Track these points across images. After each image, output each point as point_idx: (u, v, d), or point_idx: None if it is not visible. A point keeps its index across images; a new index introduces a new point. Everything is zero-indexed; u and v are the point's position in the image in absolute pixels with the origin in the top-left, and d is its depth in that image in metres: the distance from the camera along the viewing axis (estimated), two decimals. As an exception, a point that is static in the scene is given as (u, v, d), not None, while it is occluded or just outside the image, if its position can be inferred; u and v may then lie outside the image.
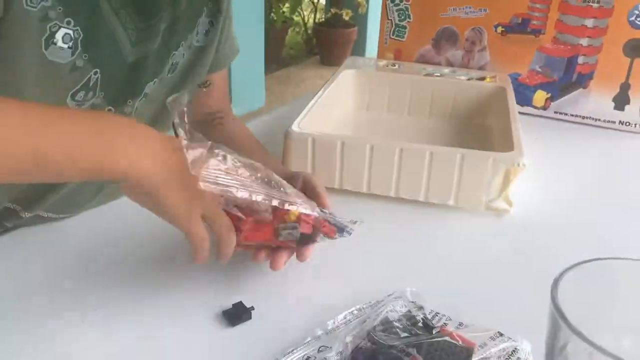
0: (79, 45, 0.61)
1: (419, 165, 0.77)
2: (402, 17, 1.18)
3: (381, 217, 0.77)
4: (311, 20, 4.51)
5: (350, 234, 0.60)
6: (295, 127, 0.81)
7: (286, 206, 0.54)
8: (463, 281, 0.65)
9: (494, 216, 0.78)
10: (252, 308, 0.58)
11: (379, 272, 0.66)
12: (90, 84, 0.64)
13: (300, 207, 0.55)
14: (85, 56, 0.62)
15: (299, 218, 0.56)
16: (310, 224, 0.57)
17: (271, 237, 0.57)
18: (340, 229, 0.59)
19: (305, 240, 0.58)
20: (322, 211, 0.58)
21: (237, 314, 0.58)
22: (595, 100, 1.11)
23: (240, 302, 0.59)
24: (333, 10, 4.20)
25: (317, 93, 0.95)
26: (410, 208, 0.79)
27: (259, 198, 0.52)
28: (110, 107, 0.68)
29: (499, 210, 0.77)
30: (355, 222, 0.61)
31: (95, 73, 0.64)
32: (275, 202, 0.53)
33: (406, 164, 0.77)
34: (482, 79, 1.06)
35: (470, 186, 0.76)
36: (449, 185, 0.77)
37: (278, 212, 0.56)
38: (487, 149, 0.79)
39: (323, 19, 4.45)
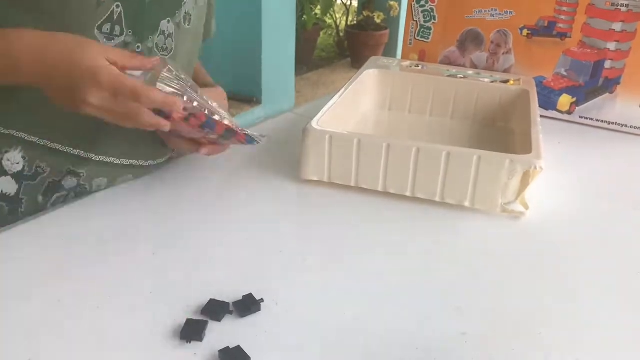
0: None
1: (435, 165, 0.77)
2: (428, 19, 1.18)
3: (396, 216, 0.77)
4: (343, 23, 4.52)
5: (258, 142, 0.77)
6: (313, 124, 0.81)
7: (215, 117, 0.71)
8: (474, 282, 0.65)
9: (510, 219, 0.77)
10: (262, 300, 0.59)
11: (387, 268, 0.66)
12: (115, 18, 0.73)
13: (225, 120, 0.73)
14: None
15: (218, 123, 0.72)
16: (223, 128, 0.73)
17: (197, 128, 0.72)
18: (250, 139, 0.76)
19: (226, 135, 0.74)
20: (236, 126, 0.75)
21: (246, 306, 0.58)
22: (622, 105, 1.09)
23: (250, 294, 0.60)
24: (365, 13, 4.20)
25: (338, 92, 0.96)
26: (426, 207, 0.79)
27: (195, 104, 0.69)
28: (138, 44, 0.77)
29: (514, 212, 0.77)
30: (263, 137, 0.77)
31: (118, 7, 0.73)
32: (206, 111, 0.70)
33: (422, 163, 0.77)
34: (506, 81, 1.05)
35: (487, 188, 0.76)
36: (465, 186, 0.77)
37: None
38: (509, 152, 0.78)
39: (355, 22, 4.45)
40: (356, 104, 1.03)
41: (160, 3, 0.78)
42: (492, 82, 1.05)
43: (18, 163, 0.77)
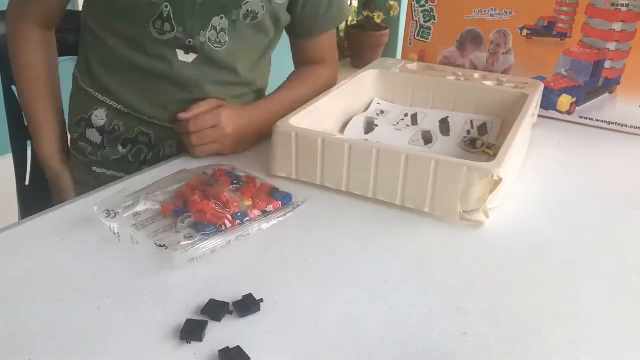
0: None
1: (395, 168, 0.76)
2: (427, 19, 1.18)
3: (395, 215, 0.77)
4: (343, 23, 4.52)
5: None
6: (283, 122, 0.82)
7: None
8: (475, 282, 0.65)
9: (509, 218, 0.77)
10: (262, 300, 0.59)
11: (387, 267, 0.66)
12: (165, 15, 0.89)
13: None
14: None
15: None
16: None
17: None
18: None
19: None
20: None
21: (246, 306, 0.58)
22: (622, 105, 1.09)
23: (250, 294, 0.60)
24: (365, 13, 4.20)
25: (335, 90, 0.96)
26: (388, 210, 0.78)
27: None
28: (189, 39, 0.92)
29: (472, 221, 0.74)
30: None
31: (167, 7, 0.89)
32: None
33: (382, 166, 0.77)
34: (511, 85, 1.04)
35: (445, 194, 0.74)
36: (423, 191, 0.75)
37: None
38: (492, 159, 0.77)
39: (355, 22, 4.45)
40: (354, 103, 1.02)
41: (215, 2, 0.91)
42: (497, 85, 1.04)
43: (102, 119, 0.99)
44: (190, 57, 0.94)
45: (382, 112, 1.04)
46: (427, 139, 0.95)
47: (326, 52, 1.12)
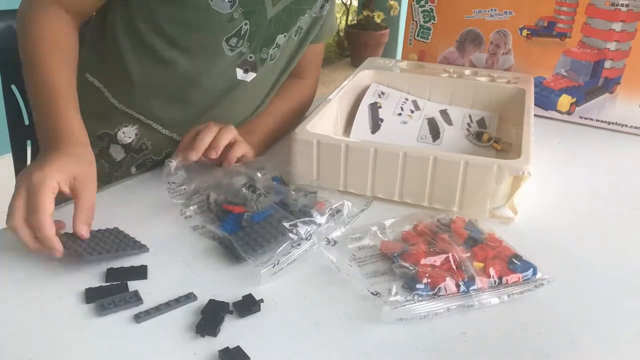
0: (237, 1, 0.81)
1: (422, 170, 0.76)
2: (427, 19, 1.18)
3: (395, 215, 0.77)
4: (343, 22, 4.52)
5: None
6: (301, 130, 0.81)
7: None
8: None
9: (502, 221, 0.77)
10: (262, 300, 0.59)
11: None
12: (242, 33, 0.85)
13: None
14: (240, 10, 0.82)
15: None
16: None
17: None
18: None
19: None
20: None
21: (246, 306, 0.58)
22: (622, 105, 1.09)
23: (250, 295, 0.60)
24: (365, 13, 4.19)
25: (334, 92, 0.95)
26: (415, 210, 0.78)
27: None
28: (251, 54, 0.89)
29: (502, 218, 0.76)
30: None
31: (246, 24, 0.84)
32: None
33: (410, 168, 0.77)
34: (504, 80, 1.04)
35: (474, 193, 0.75)
36: (452, 191, 0.76)
37: None
38: (504, 153, 0.77)
39: (355, 21, 4.45)
40: (351, 105, 1.02)
41: (278, 21, 0.88)
42: (490, 81, 1.04)
43: (130, 137, 0.91)
44: (250, 76, 0.91)
45: (383, 93, 1.03)
46: (435, 131, 0.95)
47: (312, 66, 1.09)
